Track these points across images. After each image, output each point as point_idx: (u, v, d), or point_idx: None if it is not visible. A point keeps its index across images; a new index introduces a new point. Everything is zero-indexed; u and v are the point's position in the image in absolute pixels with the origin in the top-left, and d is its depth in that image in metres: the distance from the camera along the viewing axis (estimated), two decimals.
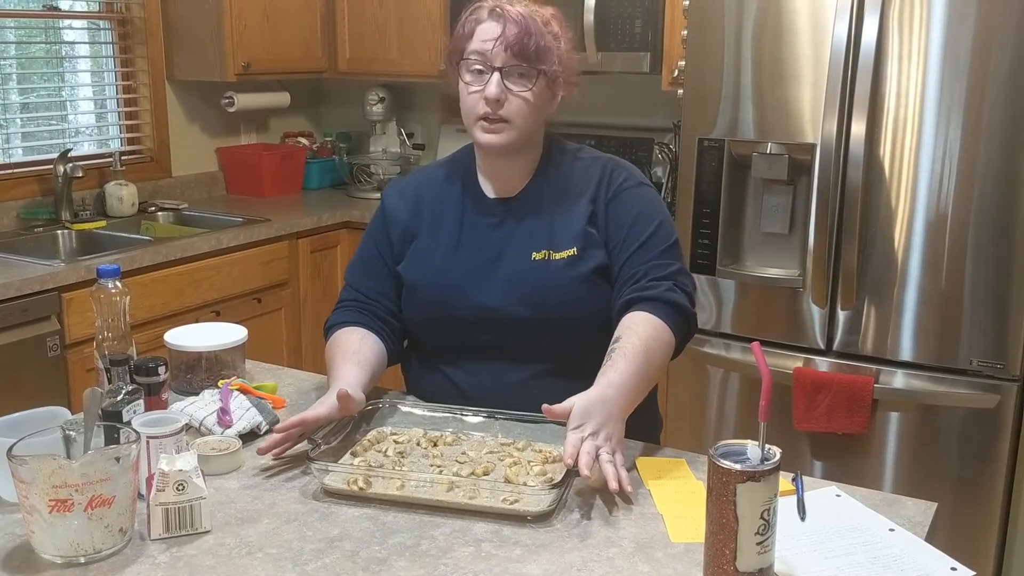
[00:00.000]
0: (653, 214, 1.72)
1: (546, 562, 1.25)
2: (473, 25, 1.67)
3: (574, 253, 1.70)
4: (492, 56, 1.63)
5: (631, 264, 1.68)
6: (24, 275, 2.69)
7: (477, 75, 1.65)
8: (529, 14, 1.65)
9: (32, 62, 3.60)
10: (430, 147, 4.27)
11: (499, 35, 1.62)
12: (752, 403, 2.82)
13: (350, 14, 4.00)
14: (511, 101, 1.64)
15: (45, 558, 1.23)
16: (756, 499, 1.13)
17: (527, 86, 1.64)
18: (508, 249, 1.73)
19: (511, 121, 1.65)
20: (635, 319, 1.60)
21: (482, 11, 1.67)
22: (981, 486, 2.57)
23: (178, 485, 1.28)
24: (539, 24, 1.65)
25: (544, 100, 1.68)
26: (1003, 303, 2.47)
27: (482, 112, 1.65)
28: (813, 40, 2.58)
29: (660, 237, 1.70)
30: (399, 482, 1.41)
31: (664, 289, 1.64)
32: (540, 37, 1.63)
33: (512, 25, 1.62)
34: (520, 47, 1.62)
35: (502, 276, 1.71)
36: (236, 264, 3.32)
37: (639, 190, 1.75)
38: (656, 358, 1.58)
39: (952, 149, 2.47)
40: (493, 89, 1.63)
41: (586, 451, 1.38)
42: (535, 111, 1.67)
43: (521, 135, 1.68)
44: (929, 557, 1.26)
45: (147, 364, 1.61)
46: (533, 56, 1.63)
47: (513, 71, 1.64)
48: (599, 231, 1.72)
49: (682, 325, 1.65)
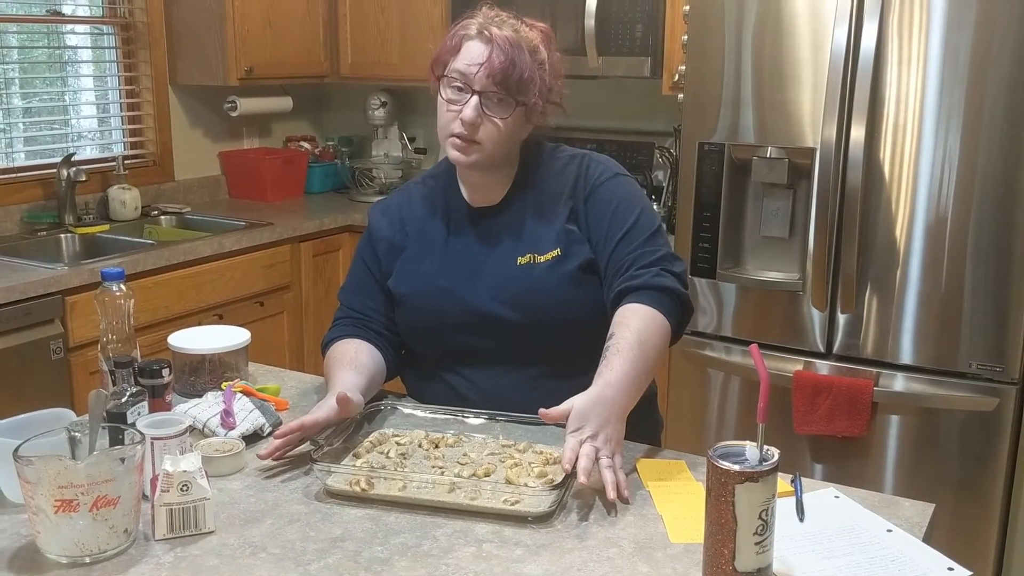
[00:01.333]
0: (633, 203, 1.72)
1: (547, 562, 1.26)
2: (460, 41, 1.66)
3: (558, 254, 1.70)
4: (474, 79, 1.63)
5: (617, 255, 1.68)
6: (27, 278, 2.70)
7: (456, 92, 1.65)
8: (518, 41, 1.63)
9: (35, 66, 3.61)
10: (431, 151, 4.28)
11: (484, 60, 1.62)
12: (752, 406, 2.80)
13: (352, 19, 4.02)
14: (485, 125, 1.65)
15: (50, 558, 1.24)
16: (754, 499, 1.14)
17: (503, 115, 1.64)
18: (493, 256, 1.73)
19: (482, 144, 1.66)
20: (625, 313, 1.60)
21: (471, 28, 1.66)
22: (980, 488, 2.57)
23: (182, 486, 1.29)
24: (526, 55, 1.63)
25: (517, 127, 1.69)
26: (1002, 306, 2.48)
27: (456, 131, 1.66)
28: (813, 44, 2.60)
29: (642, 225, 1.70)
30: (401, 483, 1.42)
31: (652, 276, 1.64)
32: (524, 68, 1.62)
33: (499, 52, 1.61)
34: (503, 76, 1.61)
35: (489, 282, 1.72)
36: (238, 268, 3.34)
37: (615, 181, 1.75)
38: (652, 349, 1.57)
39: (951, 153, 2.48)
40: (470, 112, 1.63)
41: (585, 454, 1.39)
42: (507, 137, 1.68)
43: (491, 157, 1.69)
44: (926, 557, 1.27)
45: (151, 366, 1.62)
46: (514, 87, 1.63)
47: (492, 97, 1.63)
48: (580, 228, 1.72)
49: (675, 308, 1.64)
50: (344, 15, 4.02)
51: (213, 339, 1.84)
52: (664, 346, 1.63)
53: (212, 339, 1.84)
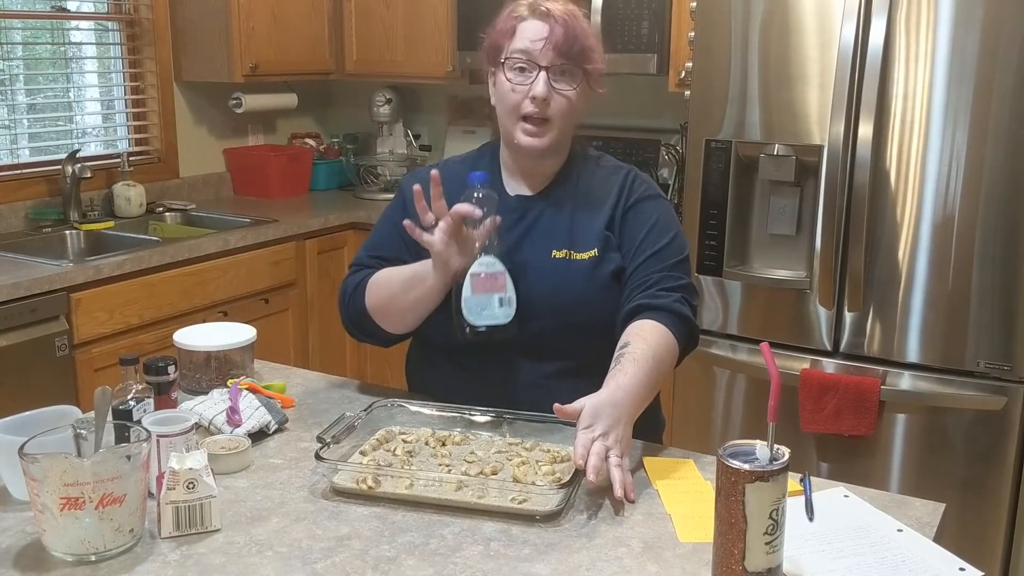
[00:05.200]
0: (669, 226, 1.75)
1: (555, 561, 1.25)
2: (515, 23, 1.68)
3: (595, 254, 1.72)
4: (539, 55, 1.65)
5: (642, 271, 1.70)
6: (32, 275, 2.70)
7: (519, 73, 1.67)
8: (572, 14, 1.68)
9: (39, 63, 3.61)
10: (436, 148, 4.28)
11: (547, 35, 1.64)
12: (758, 404, 2.82)
13: (357, 16, 4.01)
14: (555, 100, 1.67)
15: (56, 556, 1.24)
16: (765, 499, 1.13)
17: (571, 85, 1.67)
18: (525, 245, 1.73)
19: (552, 120, 1.68)
20: (644, 326, 1.62)
21: (522, 8, 1.69)
22: (988, 488, 2.56)
23: (188, 484, 1.29)
24: (583, 24, 1.68)
25: (583, 100, 1.71)
26: (1010, 305, 2.47)
27: (527, 111, 1.67)
28: (820, 42, 2.58)
29: (673, 249, 1.73)
30: (408, 481, 1.41)
31: (673, 300, 1.66)
32: (585, 38, 1.67)
33: (559, 26, 1.64)
34: (567, 47, 1.65)
35: (516, 271, 1.71)
36: (243, 265, 3.33)
37: (658, 201, 1.78)
38: (663, 365, 1.60)
39: (959, 151, 2.47)
40: (540, 87, 1.65)
41: (596, 452, 1.39)
42: (576, 111, 1.70)
43: (560, 135, 1.71)
44: (938, 558, 1.26)
45: (157, 363, 1.61)
46: (578, 55, 1.66)
47: (558, 70, 1.66)
48: (615, 235, 1.74)
49: (687, 337, 1.68)
50: (349, 12, 4.02)
51: (219, 336, 1.84)
52: (670, 369, 1.66)
53: (218, 336, 1.84)
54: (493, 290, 1.59)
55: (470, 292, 1.58)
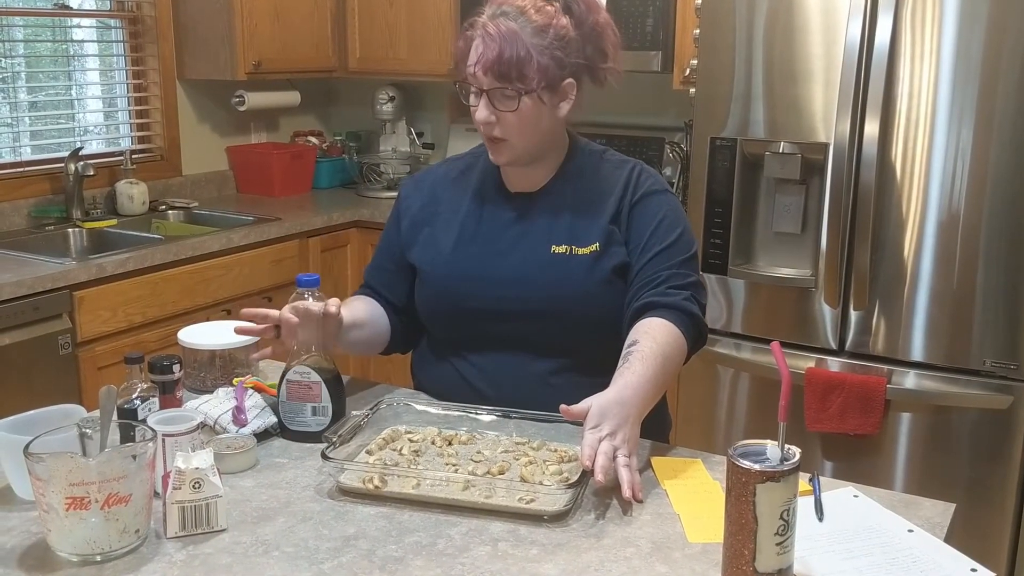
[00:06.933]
0: (677, 222, 1.73)
1: (563, 562, 1.25)
2: (467, 43, 1.66)
3: (597, 249, 1.70)
4: (478, 80, 1.63)
5: (650, 267, 1.68)
6: (35, 273, 2.69)
7: (474, 95, 1.66)
8: (512, 29, 1.59)
9: (41, 61, 3.60)
10: (440, 146, 4.27)
11: (477, 59, 1.61)
12: (762, 403, 2.81)
13: (360, 13, 4.00)
14: (503, 119, 1.64)
15: (61, 556, 1.23)
16: (775, 499, 1.12)
17: (510, 107, 1.63)
18: (525, 241, 1.73)
19: (507, 140, 1.66)
20: (653, 324, 1.60)
21: (474, 26, 1.65)
22: (993, 487, 2.56)
23: (194, 483, 1.28)
24: (522, 39, 1.58)
25: (537, 113, 1.65)
26: (1016, 303, 2.46)
27: (483, 133, 1.68)
28: (825, 40, 2.57)
29: (681, 246, 1.71)
30: (415, 481, 1.41)
31: (682, 299, 1.65)
32: (517, 54, 1.58)
33: (491, 44, 1.59)
34: (497, 69, 1.60)
35: (516, 267, 1.71)
36: (246, 263, 3.32)
37: (665, 196, 1.76)
38: (671, 364, 1.59)
39: (964, 149, 2.46)
40: (482, 113, 1.64)
41: (603, 452, 1.38)
42: (531, 126, 1.65)
43: (525, 150, 1.68)
44: (949, 558, 1.25)
45: (161, 362, 1.60)
46: (514, 76, 1.60)
47: (497, 93, 1.63)
48: (621, 230, 1.72)
49: (696, 336, 1.66)
50: (352, 9, 4.01)
51: (224, 335, 1.83)
52: (678, 368, 1.65)
53: (223, 335, 1.83)
54: (306, 400, 1.60)
55: (285, 397, 1.60)
